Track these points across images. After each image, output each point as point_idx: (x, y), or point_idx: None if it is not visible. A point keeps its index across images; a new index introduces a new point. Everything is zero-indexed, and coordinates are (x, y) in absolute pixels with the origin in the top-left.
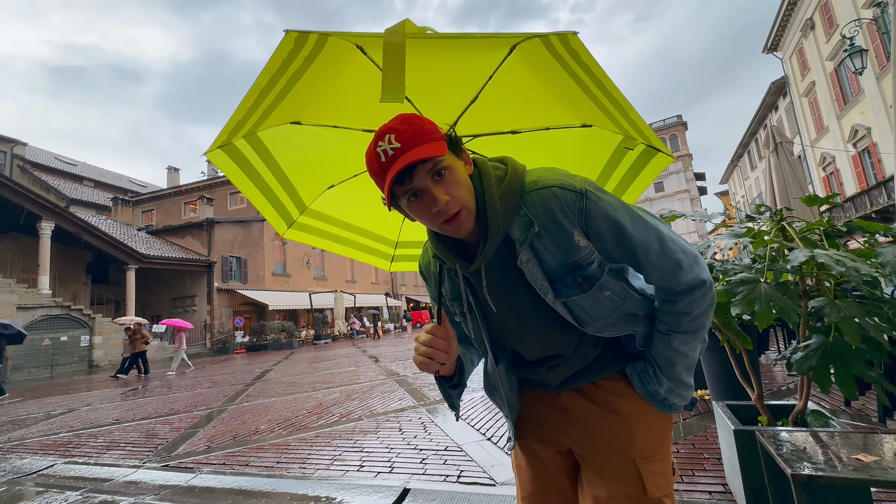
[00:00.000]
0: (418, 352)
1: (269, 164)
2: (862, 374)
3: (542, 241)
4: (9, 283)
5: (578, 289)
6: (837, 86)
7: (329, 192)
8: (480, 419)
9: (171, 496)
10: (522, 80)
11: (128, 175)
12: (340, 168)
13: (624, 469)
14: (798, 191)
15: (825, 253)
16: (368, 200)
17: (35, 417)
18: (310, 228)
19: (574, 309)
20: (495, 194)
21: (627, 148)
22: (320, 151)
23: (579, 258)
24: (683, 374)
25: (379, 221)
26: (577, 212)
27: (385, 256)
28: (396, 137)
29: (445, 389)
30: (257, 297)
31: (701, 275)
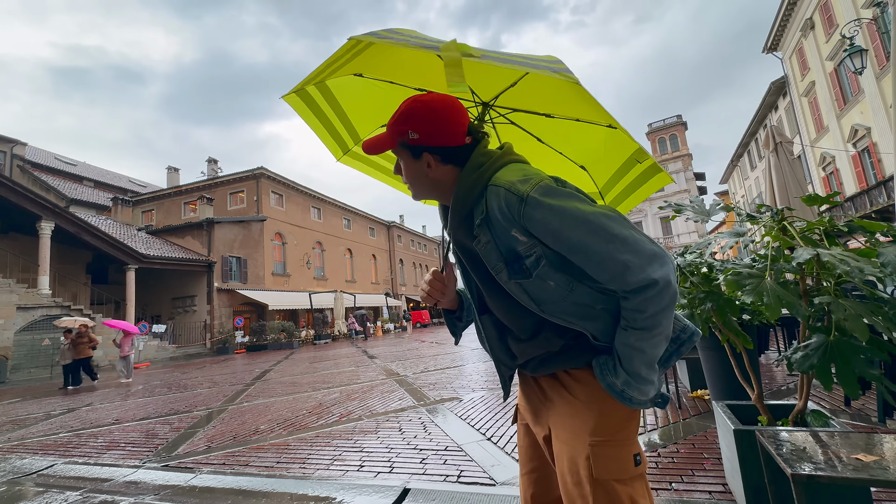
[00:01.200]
0: (422, 288)
1: (331, 104)
2: (864, 373)
3: (495, 229)
4: (9, 283)
5: (523, 274)
6: (837, 86)
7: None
8: (480, 419)
9: (171, 496)
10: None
11: (128, 175)
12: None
13: (578, 449)
14: (798, 190)
15: (829, 252)
16: None
17: (35, 417)
18: (362, 158)
19: (522, 292)
20: (467, 177)
21: (637, 161)
22: (377, 99)
23: (520, 249)
24: (642, 370)
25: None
26: (517, 214)
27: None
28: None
29: (451, 319)
30: (257, 297)
31: (652, 275)
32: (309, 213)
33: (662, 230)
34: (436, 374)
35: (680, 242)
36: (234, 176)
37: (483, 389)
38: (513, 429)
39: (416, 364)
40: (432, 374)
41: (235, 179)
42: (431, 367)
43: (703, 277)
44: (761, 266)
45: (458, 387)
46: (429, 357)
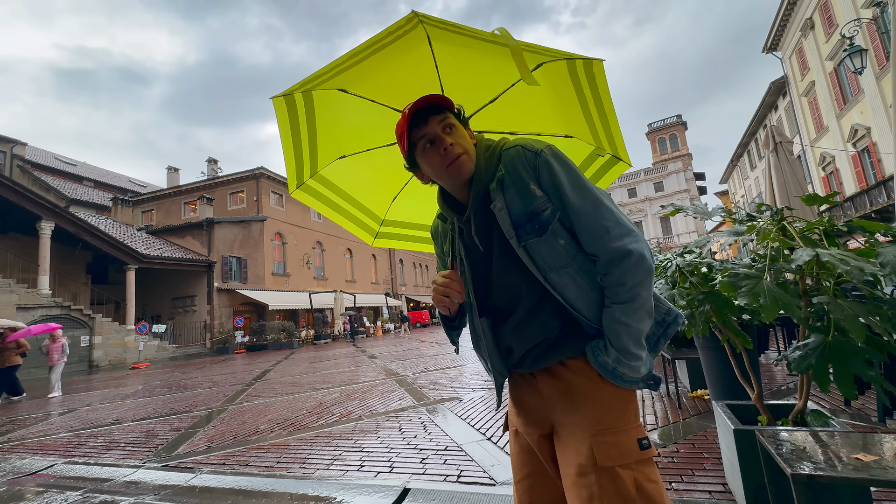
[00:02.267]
0: (437, 291)
1: (339, 194)
2: (861, 374)
3: (510, 193)
4: (9, 283)
5: (535, 234)
6: (837, 85)
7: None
8: (480, 419)
9: (171, 496)
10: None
11: (128, 175)
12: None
13: (581, 441)
14: (798, 190)
15: (829, 252)
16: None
17: (35, 417)
18: (391, 234)
19: (533, 254)
20: (482, 155)
21: (599, 154)
22: (372, 172)
23: (535, 206)
24: (630, 345)
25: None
26: (532, 167)
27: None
28: (420, 101)
29: (449, 329)
30: (257, 297)
31: (629, 245)
32: (309, 213)
33: (662, 230)
34: (436, 374)
35: (680, 242)
36: (233, 176)
37: (483, 389)
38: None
39: (415, 364)
40: (432, 373)
41: (235, 179)
42: (431, 366)
43: (703, 278)
44: (760, 266)
45: (458, 387)
46: (429, 357)
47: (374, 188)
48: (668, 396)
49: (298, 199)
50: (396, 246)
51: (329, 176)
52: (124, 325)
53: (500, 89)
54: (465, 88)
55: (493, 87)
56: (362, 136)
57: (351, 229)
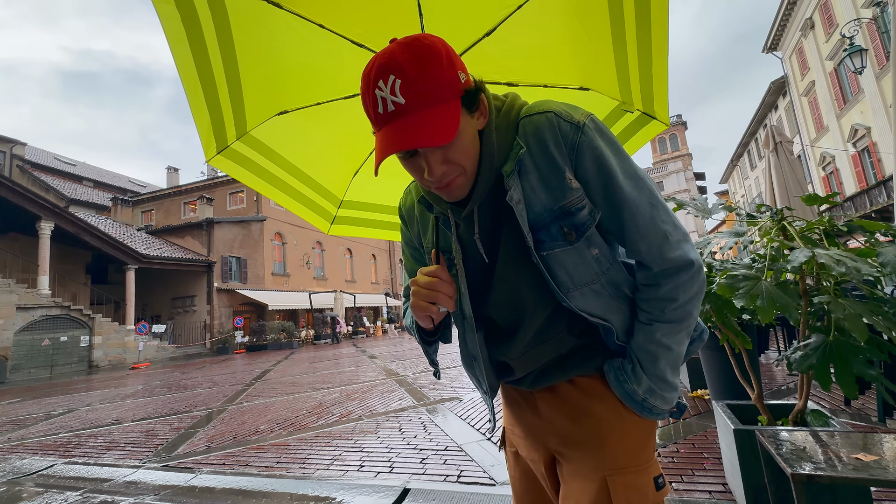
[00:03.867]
0: (419, 295)
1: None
2: (862, 373)
3: (530, 179)
4: (8, 283)
5: (564, 240)
6: (837, 85)
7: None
8: (480, 419)
9: (171, 496)
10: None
11: (127, 175)
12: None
13: (592, 480)
14: (798, 190)
15: (826, 253)
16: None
17: (35, 417)
18: (352, 220)
19: (555, 267)
20: (492, 123)
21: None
22: (325, 136)
23: (569, 202)
24: (667, 372)
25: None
26: (571, 147)
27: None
28: (402, 87)
29: (425, 343)
30: (257, 297)
31: (689, 254)
32: None
33: None
34: None
35: None
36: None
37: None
38: None
39: (415, 364)
40: (432, 373)
41: (235, 179)
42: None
43: None
44: (761, 266)
45: (458, 387)
46: None
47: (330, 158)
48: None
49: (219, 168)
50: (359, 234)
51: (265, 139)
52: (124, 325)
53: (499, 15)
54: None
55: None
56: (308, 82)
57: (300, 212)
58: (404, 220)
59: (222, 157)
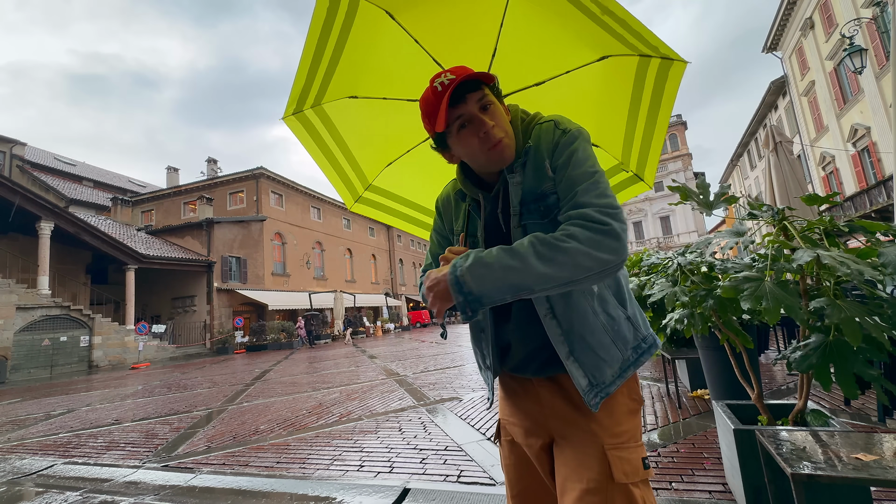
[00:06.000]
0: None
1: (335, 139)
2: (862, 373)
3: (528, 167)
4: (8, 283)
5: (539, 217)
6: (837, 85)
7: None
8: (480, 419)
9: (171, 496)
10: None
11: (128, 175)
12: (395, 144)
13: (590, 454)
14: (798, 190)
15: (829, 254)
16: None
17: (35, 418)
18: (373, 203)
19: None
20: (518, 128)
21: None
22: (376, 126)
23: (545, 187)
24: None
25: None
26: (554, 144)
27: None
28: (451, 73)
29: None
30: (257, 297)
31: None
32: (309, 213)
33: (662, 230)
34: (435, 374)
35: (680, 242)
36: (233, 176)
37: (483, 389)
38: None
39: (415, 364)
40: (432, 373)
41: (235, 179)
42: (431, 367)
43: (704, 276)
44: (761, 266)
45: (458, 386)
46: (428, 357)
47: (373, 143)
48: (668, 396)
49: (288, 126)
50: (377, 217)
51: (331, 113)
52: (124, 326)
53: (554, 72)
54: (519, 61)
55: (548, 68)
56: (384, 81)
57: (332, 180)
58: (440, 211)
59: (294, 118)
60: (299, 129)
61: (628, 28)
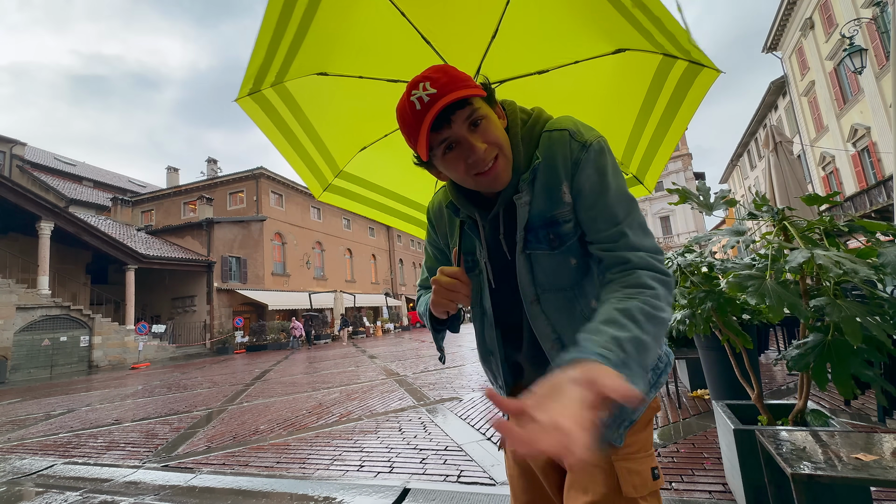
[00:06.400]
0: (440, 293)
1: (300, 121)
2: (860, 374)
3: (536, 186)
4: (8, 283)
5: (548, 245)
6: (837, 85)
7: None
8: (480, 419)
9: (171, 496)
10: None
11: (127, 175)
12: (371, 127)
13: (600, 467)
14: (798, 190)
15: (824, 254)
16: (402, 163)
17: (35, 418)
18: (345, 192)
19: (535, 266)
20: (518, 135)
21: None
22: (350, 107)
23: (558, 213)
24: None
25: (413, 186)
26: (574, 162)
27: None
28: (432, 84)
29: (436, 330)
30: (257, 297)
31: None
32: (309, 213)
33: (662, 230)
34: (436, 374)
35: (680, 242)
36: (233, 176)
37: (483, 389)
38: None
39: (415, 364)
40: (432, 373)
41: (235, 179)
42: (431, 367)
43: (704, 277)
44: (761, 266)
45: (458, 386)
46: (428, 357)
47: (345, 126)
48: (669, 396)
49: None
50: (348, 207)
51: (295, 92)
52: (124, 326)
53: (561, 60)
54: (523, 44)
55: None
56: (360, 58)
57: (297, 167)
58: (432, 222)
59: (250, 99)
60: (256, 111)
61: (660, 26)
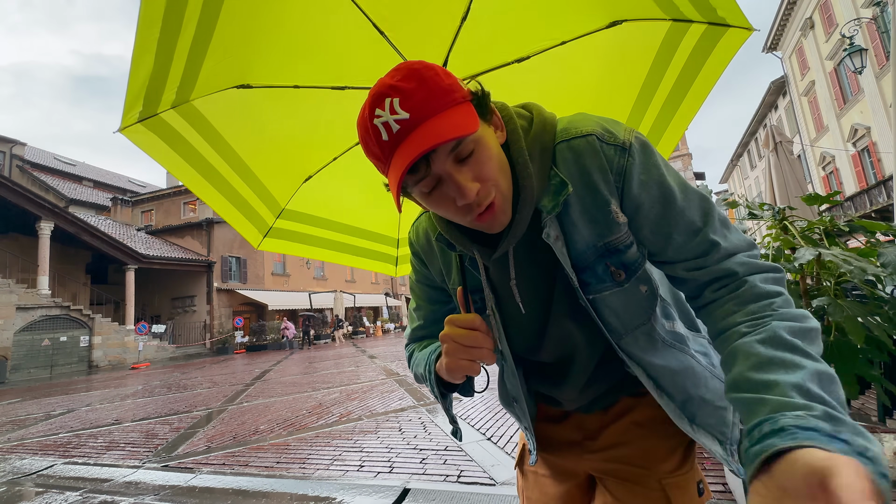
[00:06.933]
0: (459, 353)
1: (220, 151)
2: (863, 373)
3: (571, 213)
4: (8, 283)
5: (612, 281)
6: (837, 85)
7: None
8: (480, 419)
9: (171, 496)
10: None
11: (127, 175)
12: (316, 150)
13: (651, 488)
14: (798, 190)
15: (831, 252)
16: (356, 190)
17: (35, 418)
18: (291, 234)
19: (604, 311)
20: (525, 150)
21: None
22: (286, 127)
23: (616, 238)
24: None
25: (373, 217)
26: (618, 173)
27: (387, 259)
28: (402, 103)
29: (443, 397)
30: (257, 297)
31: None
32: None
33: None
34: None
35: None
36: None
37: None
38: (513, 428)
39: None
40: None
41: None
42: None
43: None
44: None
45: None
46: None
47: (283, 155)
48: None
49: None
50: (294, 251)
51: (207, 113)
52: (124, 326)
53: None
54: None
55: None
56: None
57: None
58: (419, 256)
59: (143, 126)
60: (153, 142)
61: None
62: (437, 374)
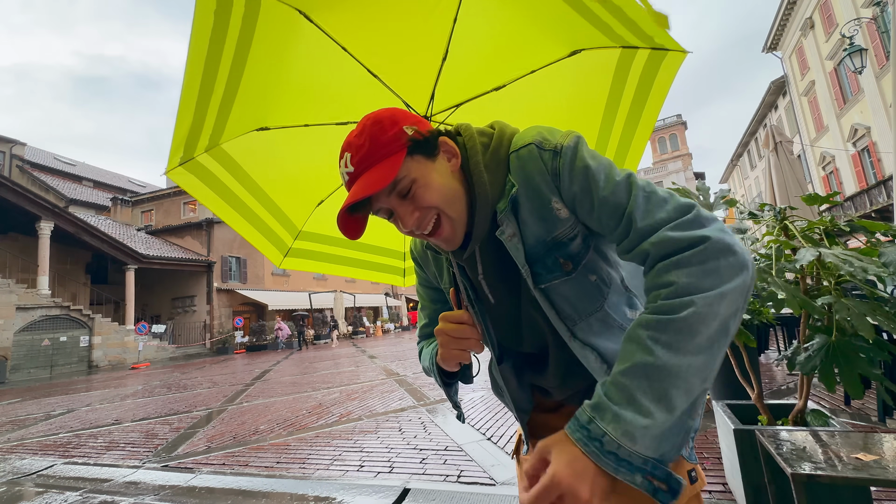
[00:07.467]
0: (451, 345)
1: (246, 185)
2: (867, 373)
3: (522, 213)
4: (8, 283)
5: (561, 271)
6: (837, 85)
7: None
8: (480, 419)
9: (171, 496)
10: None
11: (127, 175)
12: (326, 177)
13: None
14: (798, 190)
15: (832, 252)
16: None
17: (35, 418)
18: (308, 253)
19: (555, 298)
20: (480, 163)
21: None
22: (300, 160)
23: (560, 232)
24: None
25: (381, 233)
26: (553, 173)
27: (395, 271)
28: (351, 159)
29: (447, 386)
30: (257, 297)
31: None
32: None
33: None
34: None
35: None
36: None
37: (483, 389)
38: (513, 428)
39: (415, 364)
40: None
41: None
42: None
43: None
44: (764, 265)
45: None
46: None
47: (297, 182)
48: None
49: (177, 182)
50: (313, 269)
51: (235, 153)
52: (124, 326)
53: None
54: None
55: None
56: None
57: (254, 240)
58: (418, 262)
59: (183, 169)
60: (192, 182)
61: (619, 15)
62: (439, 366)
